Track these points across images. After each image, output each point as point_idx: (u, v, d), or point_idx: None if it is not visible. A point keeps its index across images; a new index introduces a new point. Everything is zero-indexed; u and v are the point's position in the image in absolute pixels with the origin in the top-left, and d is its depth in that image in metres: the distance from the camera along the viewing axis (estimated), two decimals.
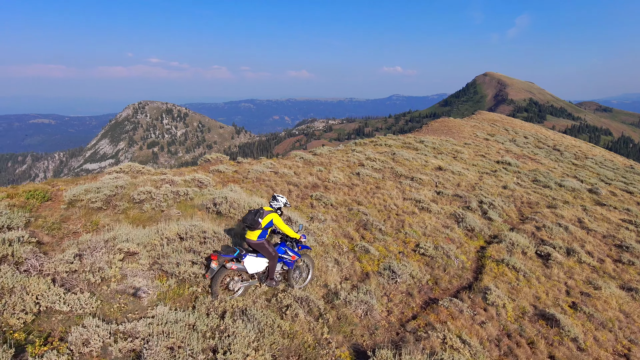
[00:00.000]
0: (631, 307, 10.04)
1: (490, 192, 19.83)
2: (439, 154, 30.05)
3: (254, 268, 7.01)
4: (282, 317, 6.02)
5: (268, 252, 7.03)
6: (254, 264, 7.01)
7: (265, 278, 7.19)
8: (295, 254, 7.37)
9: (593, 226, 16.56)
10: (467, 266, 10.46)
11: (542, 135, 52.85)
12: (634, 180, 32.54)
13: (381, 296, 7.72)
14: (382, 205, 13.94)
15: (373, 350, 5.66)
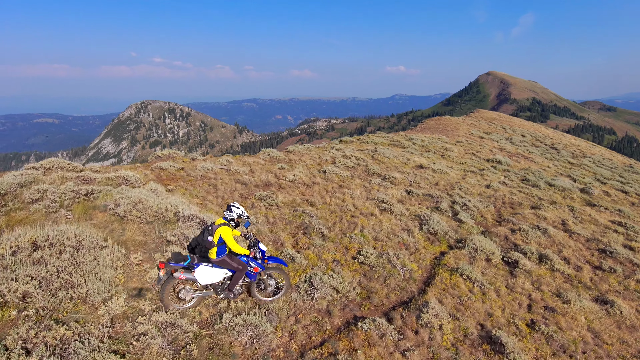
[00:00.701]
0: (603, 324, 8.65)
1: (469, 191, 18.45)
2: (427, 151, 28.71)
3: (206, 279, 6.47)
4: (127, 351, 4.72)
5: (233, 267, 6.60)
6: (207, 275, 6.47)
7: (222, 289, 6.68)
8: (259, 266, 6.85)
9: (577, 229, 15.13)
10: (415, 276, 9.11)
11: (540, 134, 51.27)
12: (631, 179, 30.98)
13: (287, 317, 6.42)
14: (337, 206, 12.62)
15: None
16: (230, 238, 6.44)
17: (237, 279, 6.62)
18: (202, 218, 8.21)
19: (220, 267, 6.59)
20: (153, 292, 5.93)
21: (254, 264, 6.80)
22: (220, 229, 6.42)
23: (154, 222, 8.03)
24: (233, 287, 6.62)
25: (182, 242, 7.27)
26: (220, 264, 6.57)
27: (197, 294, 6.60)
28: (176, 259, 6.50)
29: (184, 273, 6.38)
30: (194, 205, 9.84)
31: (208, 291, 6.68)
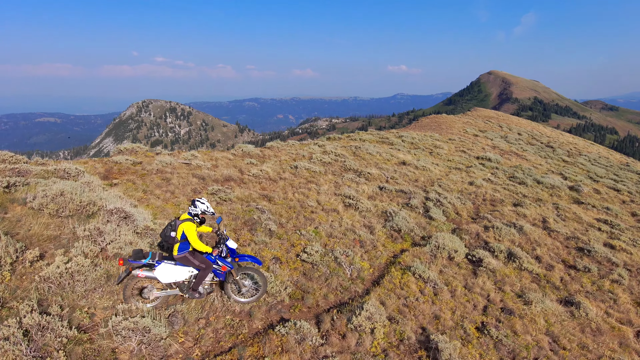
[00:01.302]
0: (564, 327, 7.96)
1: (450, 188, 17.77)
2: (415, 149, 28.04)
3: (169, 277, 6.19)
4: None
5: (195, 264, 6.31)
6: (169, 273, 6.18)
7: (188, 288, 6.38)
8: (227, 265, 6.52)
9: (558, 227, 14.43)
10: (363, 275, 8.44)
11: (537, 132, 50.51)
12: (625, 177, 30.19)
13: (196, 320, 5.79)
14: (299, 201, 11.98)
15: None
16: (193, 234, 6.14)
17: (201, 277, 6.31)
18: (128, 212, 7.58)
19: (184, 265, 6.30)
20: (39, 292, 5.32)
21: (221, 263, 6.48)
22: (183, 225, 6.17)
23: (74, 216, 7.42)
24: (197, 287, 6.31)
25: (94, 237, 6.65)
26: (182, 262, 6.28)
27: (162, 293, 6.32)
28: (136, 256, 6.18)
29: (144, 271, 6.11)
30: (134, 200, 9.22)
31: (173, 290, 6.38)
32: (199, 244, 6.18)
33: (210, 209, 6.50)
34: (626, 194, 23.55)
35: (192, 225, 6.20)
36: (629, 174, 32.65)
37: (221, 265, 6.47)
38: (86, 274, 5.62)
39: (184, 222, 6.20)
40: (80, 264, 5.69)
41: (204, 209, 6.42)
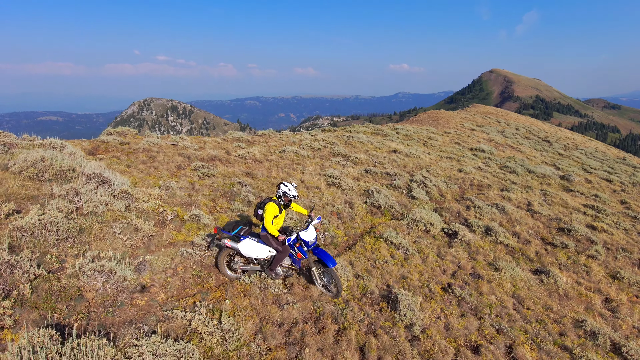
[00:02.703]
0: (531, 291, 8.16)
1: (437, 173, 17.96)
2: (409, 140, 28.22)
3: (250, 252, 6.48)
4: None
5: (273, 245, 6.51)
6: (250, 249, 6.47)
7: (266, 267, 6.63)
8: (302, 253, 6.52)
9: (542, 209, 14.61)
10: (337, 242, 8.67)
11: (536, 128, 50.57)
12: (619, 170, 30.30)
13: (163, 269, 6.02)
14: (282, 179, 12.20)
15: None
16: (268, 215, 6.25)
17: (277, 259, 6.45)
18: (106, 177, 7.82)
19: (265, 244, 6.54)
20: (12, 239, 5.55)
21: (298, 250, 6.53)
22: (267, 204, 6.34)
23: (53, 180, 7.67)
24: (274, 267, 6.48)
25: (71, 196, 6.89)
26: (264, 240, 6.53)
27: (245, 267, 6.66)
28: (228, 226, 6.76)
29: (231, 242, 6.46)
30: (116, 172, 9.46)
31: (255, 266, 6.66)
32: (269, 225, 6.24)
33: (292, 192, 6.44)
34: (618, 184, 23.67)
35: (273, 205, 6.30)
36: (624, 167, 32.73)
37: (297, 252, 6.53)
38: (59, 224, 5.86)
39: (269, 202, 6.35)
40: (53, 216, 5.93)
41: (285, 191, 6.41)
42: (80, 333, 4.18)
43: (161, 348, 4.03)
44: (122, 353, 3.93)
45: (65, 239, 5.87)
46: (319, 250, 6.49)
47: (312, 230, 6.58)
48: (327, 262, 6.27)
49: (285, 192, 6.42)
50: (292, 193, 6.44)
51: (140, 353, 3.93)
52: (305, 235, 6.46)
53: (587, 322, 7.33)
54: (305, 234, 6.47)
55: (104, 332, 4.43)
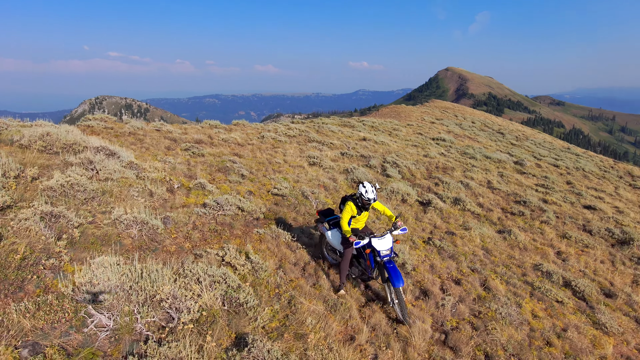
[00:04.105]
0: (496, 245, 9.47)
1: (406, 157, 19.25)
2: (375, 130, 29.49)
3: (334, 243, 6.52)
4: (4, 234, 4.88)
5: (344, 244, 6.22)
6: (334, 240, 6.51)
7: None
8: (371, 262, 6.07)
9: (500, 186, 16.19)
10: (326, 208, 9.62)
11: (490, 121, 53.54)
12: (565, 157, 33.03)
13: (185, 224, 6.70)
14: (267, 159, 12.95)
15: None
16: (345, 213, 6.11)
17: (343, 261, 6.16)
18: (112, 150, 8.31)
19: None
20: (45, 198, 6.02)
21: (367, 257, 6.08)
22: (347, 203, 6.19)
23: (61, 153, 8.07)
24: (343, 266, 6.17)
25: (86, 165, 7.37)
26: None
27: (332, 256, 6.78)
28: (325, 212, 6.90)
29: (323, 227, 6.72)
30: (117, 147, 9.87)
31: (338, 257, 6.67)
32: (344, 223, 6.06)
33: (368, 195, 5.95)
34: (564, 169, 25.99)
35: (351, 205, 6.11)
36: (569, 155, 35.74)
37: (366, 259, 6.11)
38: (85, 185, 6.38)
39: (349, 200, 6.22)
40: (77, 179, 6.45)
41: (362, 192, 6.00)
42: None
43: (209, 270, 4.76)
44: (176, 275, 4.63)
45: (92, 198, 6.40)
46: (390, 265, 5.81)
47: (389, 240, 5.96)
48: (393, 279, 5.64)
49: (361, 194, 6.02)
50: (368, 196, 5.96)
51: (194, 273, 4.65)
52: (377, 243, 5.87)
53: (543, 265, 8.68)
54: (378, 242, 5.88)
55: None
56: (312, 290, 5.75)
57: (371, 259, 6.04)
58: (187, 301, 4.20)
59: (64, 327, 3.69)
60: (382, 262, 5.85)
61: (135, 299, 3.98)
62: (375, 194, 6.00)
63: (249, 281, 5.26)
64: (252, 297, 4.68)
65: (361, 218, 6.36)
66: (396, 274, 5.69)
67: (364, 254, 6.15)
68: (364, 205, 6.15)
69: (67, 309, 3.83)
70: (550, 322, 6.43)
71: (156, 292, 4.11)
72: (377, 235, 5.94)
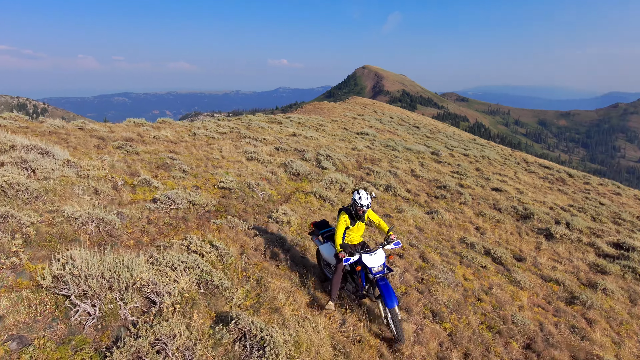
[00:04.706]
0: (427, 224, 10.59)
1: (336, 151, 20.14)
2: (302, 126, 30.13)
3: (327, 257, 6.21)
4: None
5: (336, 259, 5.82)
6: (327, 254, 6.20)
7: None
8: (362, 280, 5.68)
9: (423, 174, 17.70)
10: (273, 199, 9.97)
11: (406, 117, 57.13)
12: (472, 147, 36.57)
13: (138, 219, 6.65)
14: (204, 156, 12.88)
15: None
16: (339, 225, 5.78)
17: (336, 272, 5.77)
18: (45, 148, 7.82)
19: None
20: None
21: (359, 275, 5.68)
22: (341, 213, 5.87)
23: None
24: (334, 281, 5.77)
25: (19, 164, 6.91)
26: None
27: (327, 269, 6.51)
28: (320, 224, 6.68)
29: (317, 240, 6.55)
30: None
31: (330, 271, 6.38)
32: (338, 236, 5.75)
33: (361, 201, 5.66)
34: (472, 158, 28.84)
35: (343, 215, 5.83)
36: (476, 145, 39.67)
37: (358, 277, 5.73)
38: (25, 184, 6.05)
39: (342, 211, 5.91)
40: (16, 178, 6.08)
41: (355, 199, 5.71)
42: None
43: (181, 257, 4.91)
44: (150, 263, 4.72)
45: (35, 197, 6.08)
46: (382, 283, 5.44)
47: (380, 255, 5.59)
48: (386, 299, 5.28)
49: (354, 200, 5.71)
50: (362, 202, 5.66)
51: (168, 261, 4.76)
52: (368, 259, 5.51)
53: (467, 238, 9.92)
54: (368, 258, 5.52)
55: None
56: (277, 271, 6.12)
57: (362, 277, 5.66)
58: (166, 286, 4.35)
59: (46, 319, 3.67)
60: (374, 280, 5.47)
61: (117, 287, 4.05)
62: (370, 202, 5.72)
63: (219, 267, 5.47)
64: (226, 280, 4.93)
65: (355, 230, 5.97)
66: (389, 292, 5.31)
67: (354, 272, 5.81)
68: (357, 214, 5.80)
69: (46, 302, 3.79)
70: (479, 283, 7.53)
71: (135, 279, 4.21)
72: (368, 251, 5.59)
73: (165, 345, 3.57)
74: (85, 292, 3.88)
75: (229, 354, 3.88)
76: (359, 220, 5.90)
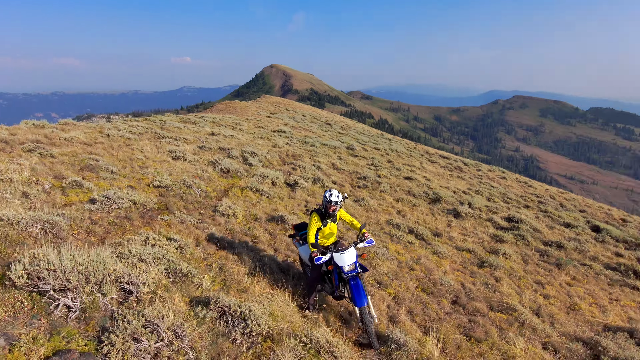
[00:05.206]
0: (356, 210, 11.57)
1: (258, 148, 20.40)
2: (218, 126, 29.65)
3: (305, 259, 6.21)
4: None
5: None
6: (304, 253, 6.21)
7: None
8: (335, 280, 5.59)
9: (343, 167, 18.79)
10: (211, 195, 10.06)
11: (317, 115, 58.85)
12: (382, 142, 39.15)
13: (82, 220, 6.42)
14: (127, 157, 12.32)
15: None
16: (311, 225, 5.71)
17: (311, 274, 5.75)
18: None
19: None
20: None
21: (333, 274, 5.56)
22: (312, 214, 5.78)
23: None
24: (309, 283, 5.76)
25: None
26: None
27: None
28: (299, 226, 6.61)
29: (296, 242, 6.47)
30: None
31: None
32: (310, 236, 5.67)
33: (332, 197, 5.61)
34: (383, 151, 31.00)
35: (314, 215, 5.75)
36: (384, 140, 42.53)
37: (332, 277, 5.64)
38: None
39: (312, 212, 5.80)
40: None
41: (327, 195, 5.66)
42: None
43: (146, 250, 4.97)
44: (117, 257, 4.72)
45: None
46: (353, 282, 5.32)
47: (352, 254, 5.47)
48: (355, 297, 5.15)
49: (325, 197, 5.69)
50: (331, 199, 5.62)
51: (135, 254, 4.80)
52: (339, 258, 5.40)
53: (392, 220, 11.04)
54: (339, 257, 5.41)
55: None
56: (235, 258, 6.39)
57: (336, 276, 5.57)
58: (139, 277, 4.45)
59: (26, 316, 3.59)
60: (347, 279, 5.38)
61: (93, 279, 4.06)
62: (340, 200, 5.66)
63: (180, 257, 5.60)
64: (193, 268, 5.13)
65: (328, 230, 5.91)
66: (358, 291, 5.17)
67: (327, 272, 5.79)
68: (327, 212, 5.74)
69: (21, 300, 3.69)
70: (409, 255, 8.57)
71: (109, 271, 4.25)
72: (340, 250, 5.47)
73: (157, 325, 3.76)
74: (64, 286, 3.86)
75: (213, 330, 4.17)
76: (330, 219, 5.85)
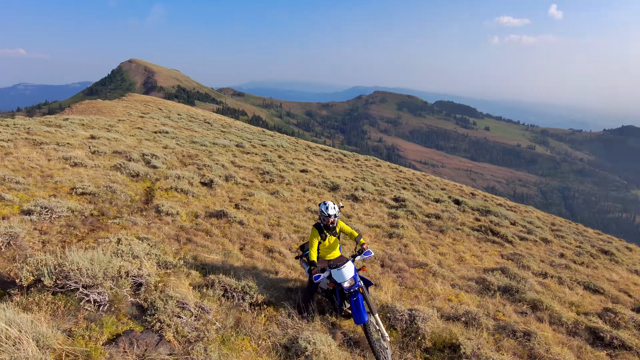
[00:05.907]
0: (275, 202, 12.57)
1: (153, 149, 19.70)
2: (91, 129, 27.19)
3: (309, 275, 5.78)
4: None
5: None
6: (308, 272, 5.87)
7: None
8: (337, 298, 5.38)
9: (243, 163, 19.46)
10: (136, 199, 9.99)
11: (193, 113, 57.14)
12: (266, 138, 40.26)
13: (32, 230, 6.20)
14: (19, 166, 11.18)
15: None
16: (311, 240, 5.59)
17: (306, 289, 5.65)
18: None
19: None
20: None
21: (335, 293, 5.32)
22: (312, 229, 5.68)
23: None
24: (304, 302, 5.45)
25: None
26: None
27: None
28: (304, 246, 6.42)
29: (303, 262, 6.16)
30: None
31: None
32: (312, 254, 5.44)
33: (329, 211, 5.42)
34: (271, 147, 32.24)
35: (313, 230, 5.60)
36: (267, 136, 43.72)
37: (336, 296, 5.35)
38: None
39: (313, 228, 5.63)
40: None
41: (323, 209, 5.47)
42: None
43: (138, 247, 5.29)
44: (114, 255, 4.98)
45: None
46: (353, 298, 5.02)
47: (349, 269, 5.16)
48: (355, 315, 4.89)
49: (321, 212, 5.52)
50: (328, 212, 5.45)
51: (127, 252, 5.10)
52: (337, 274, 5.13)
53: (310, 207, 12.36)
54: (337, 273, 5.14)
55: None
56: (202, 249, 6.88)
57: (338, 293, 5.37)
58: (140, 270, 4.87)
59: (63, 315, 3.86)
60: (348, 295, 5.14)
61: (110, 275, 4.40)
62: (337, 212, 5.54)
63: (161, 251, 5.97)
64: (178, 260, 5.65)
65: (328, 245, 5.74)
66: (357, 307, 4.90)
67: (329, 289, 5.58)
68: (327, 226, 5.57)
69: (49, 301, 3.91)
70: None
71: (119, 267, 4.61)
72: (337, 266, 5.18)
73: (185, 304, 4.37)
74: (91, 283, 4.17)
75: (223, 304, 4.90)
76: (330, 233, 5.67)
